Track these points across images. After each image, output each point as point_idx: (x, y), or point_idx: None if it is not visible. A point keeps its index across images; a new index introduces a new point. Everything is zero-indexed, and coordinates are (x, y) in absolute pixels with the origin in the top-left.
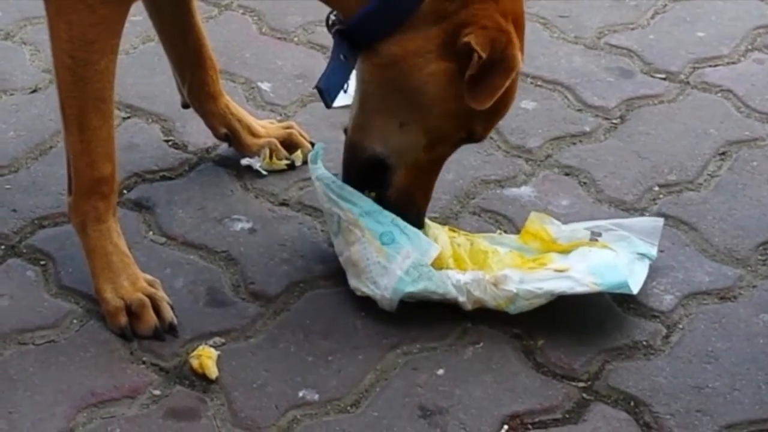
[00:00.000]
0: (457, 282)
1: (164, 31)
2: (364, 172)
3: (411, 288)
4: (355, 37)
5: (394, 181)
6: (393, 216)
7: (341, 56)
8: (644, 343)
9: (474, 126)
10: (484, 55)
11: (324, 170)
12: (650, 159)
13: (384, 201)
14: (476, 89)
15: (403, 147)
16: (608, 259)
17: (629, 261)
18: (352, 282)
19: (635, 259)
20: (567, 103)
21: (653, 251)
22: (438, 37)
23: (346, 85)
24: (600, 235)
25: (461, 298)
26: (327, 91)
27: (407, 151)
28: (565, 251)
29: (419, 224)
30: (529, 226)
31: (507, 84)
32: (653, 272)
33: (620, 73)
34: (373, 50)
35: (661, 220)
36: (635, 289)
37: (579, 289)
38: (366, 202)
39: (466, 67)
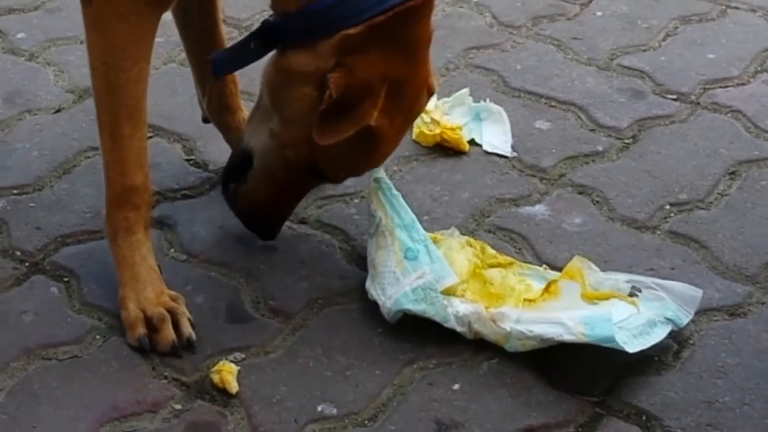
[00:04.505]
0: (457, 313)
1: (190, 41)
2: (237, 161)
3: (411, 306)
4: (276, 34)
5: (251, 178)
6: (426, 237)
7: (251, 44)
8: (656, 358)
9: (321, 163)
10: (334, 95)
11: (383, 173)
12: (662, 178)
13: (238, 193)
14: (323, 124)
15: (265, 151)
16: (604, 312)
17: (648, 321)
18: (368, 283)
19: (659, 321)
20: (580, 123)
21: (684, 320)
22: (327, 66)
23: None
24: (640, 291)
25: (460, 329)
26: (217, 63)
27: (267, 157)
28: (597, 299)
29: (266, 235)
30: (569, 268)
31: (351, 132)
32: None
33: (632, 93)
34: (284, 53)
35: (700, 292)
36: (632, 349)
37: (567, 337)
38: (408, 217)
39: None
